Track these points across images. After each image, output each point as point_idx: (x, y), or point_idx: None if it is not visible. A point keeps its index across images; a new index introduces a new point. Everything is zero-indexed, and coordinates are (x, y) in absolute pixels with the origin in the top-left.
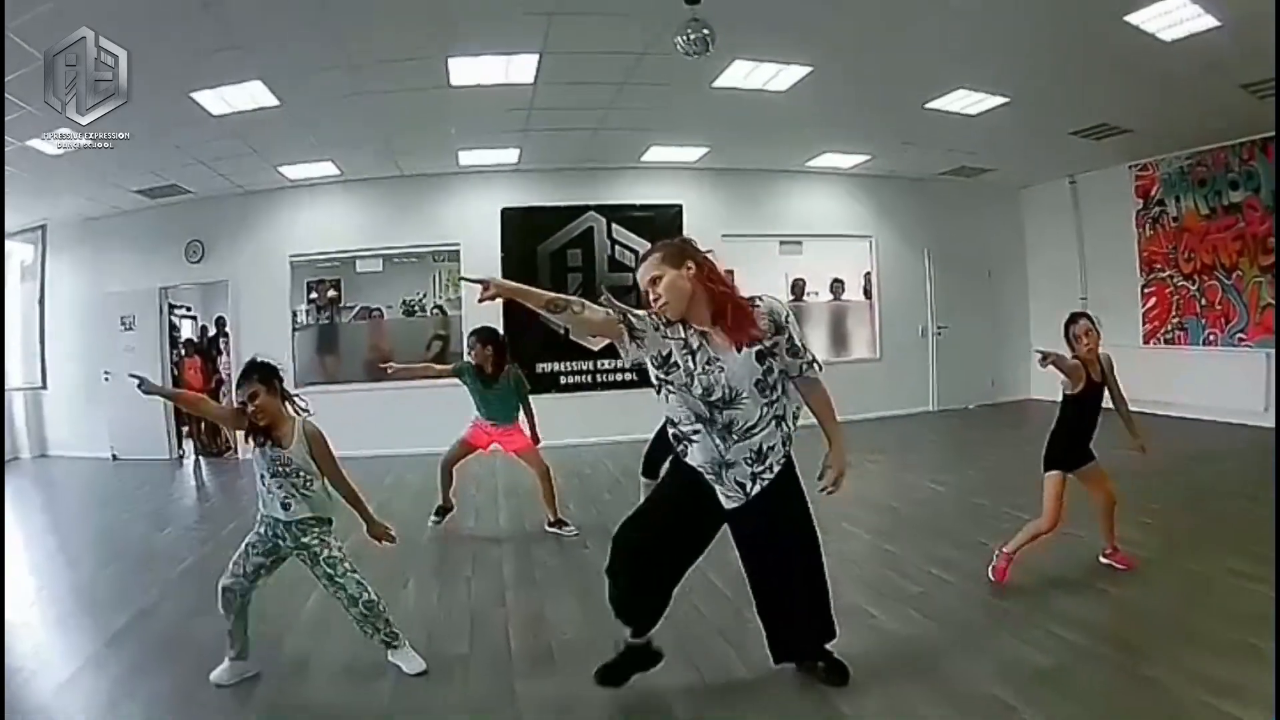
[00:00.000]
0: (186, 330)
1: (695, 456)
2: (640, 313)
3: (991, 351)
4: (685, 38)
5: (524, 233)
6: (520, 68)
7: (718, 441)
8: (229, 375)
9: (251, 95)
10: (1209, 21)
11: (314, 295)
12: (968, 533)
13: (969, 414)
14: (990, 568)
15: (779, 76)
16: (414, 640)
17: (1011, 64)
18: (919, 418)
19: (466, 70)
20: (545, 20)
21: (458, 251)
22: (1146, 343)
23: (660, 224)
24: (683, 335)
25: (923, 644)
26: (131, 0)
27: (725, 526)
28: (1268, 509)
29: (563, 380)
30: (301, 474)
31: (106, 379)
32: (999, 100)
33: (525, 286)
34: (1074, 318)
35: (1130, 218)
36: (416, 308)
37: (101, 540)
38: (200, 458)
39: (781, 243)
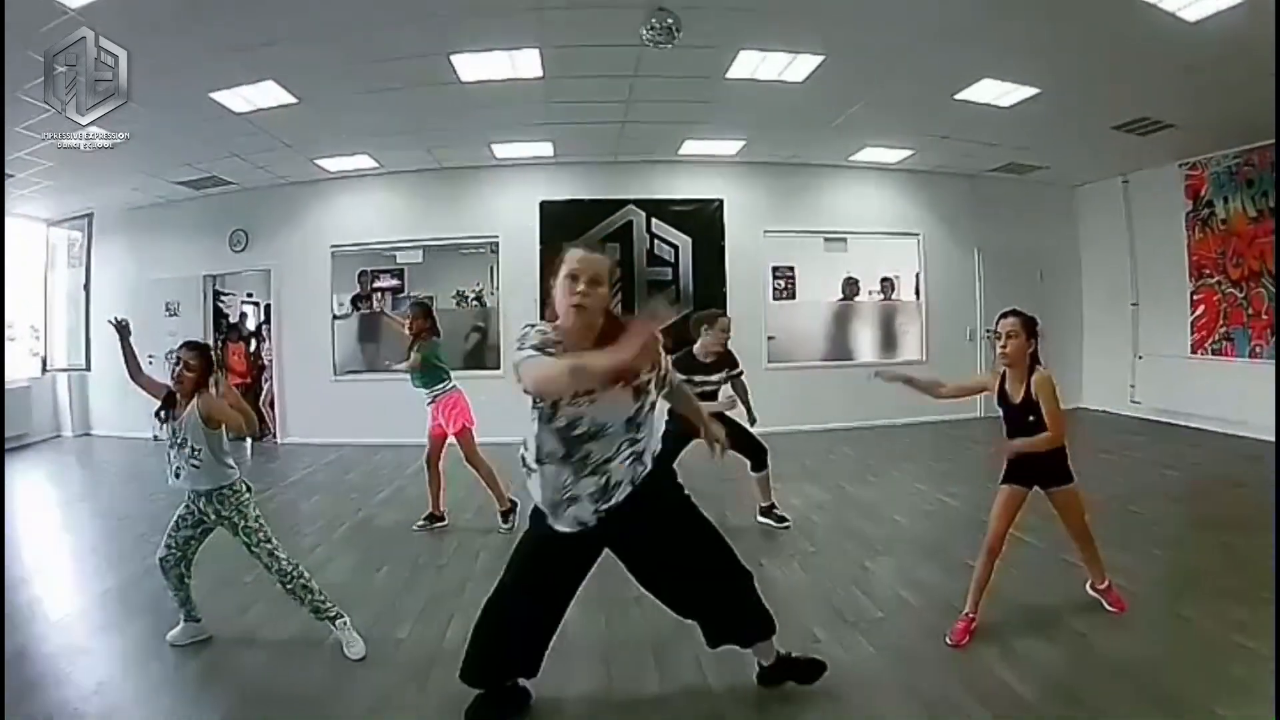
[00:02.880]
0: (250, 317)
1: (535, 488)
2: (543, 331)
3: (1042, 356)
4: (649, 28)
5: (562, 226)
6: (526, 62)
7: (567, 477)
8: (270, 361)
9: (269, 93)
10: None
11: (377, 284)
12: (959, 552)
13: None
14: (949, 631)
15: (792, 66)
16: (363, 622)
17: (1034, 51)
18: (964, 424)
19: (473, 66)
20: (535, 15)
21: (497, 243)
22: (1194, 352)
23: (701, 218)
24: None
25: (858, 679)
26: (135, 6)
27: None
28: None
29: None
30: (189, 445)
31: (151, 363)
32: (1030, 91)
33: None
34: (1002, 315)
35: (1180, 219)
36: (472, 298)
37: (119, 512)
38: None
39: (826, 239)
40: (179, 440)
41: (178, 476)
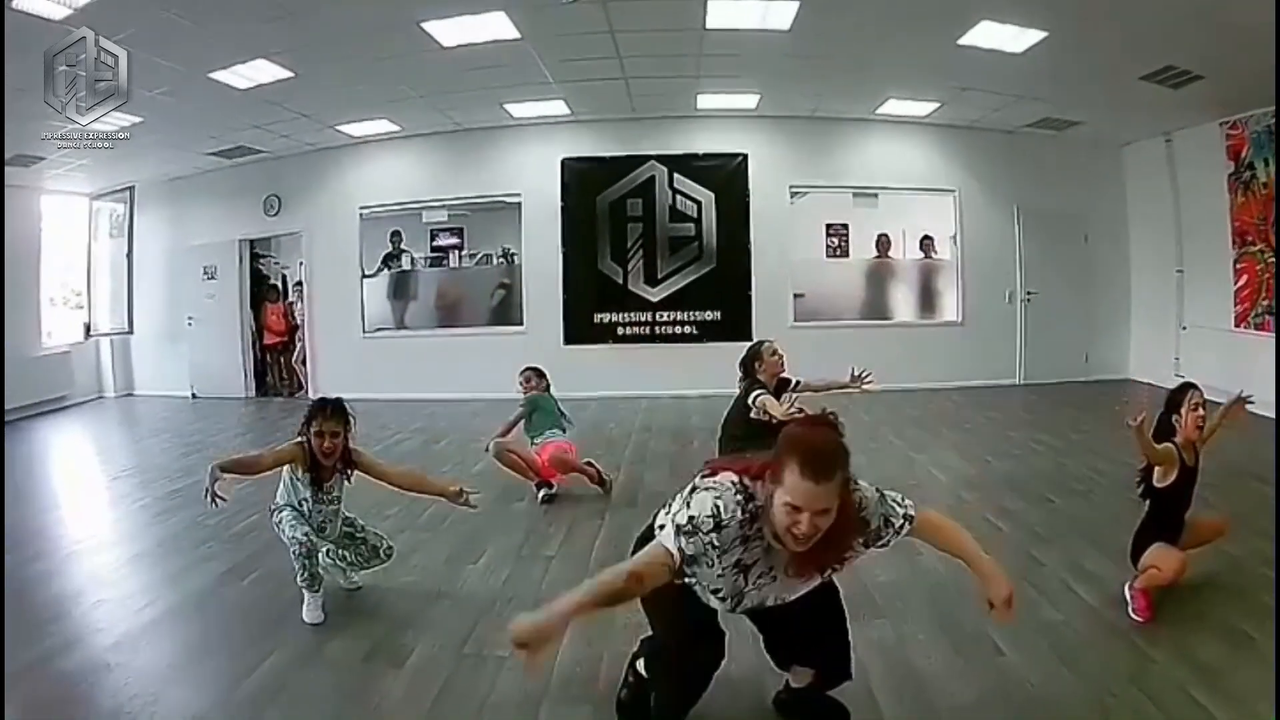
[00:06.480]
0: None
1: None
2: (695, 542)
3: (1087, 323)
4: None
5: (584, 183)
6: (497, 24)
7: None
8: (303, 320)
9: (264, 70)
10: None
11: (437, 241)
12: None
13: (1050, 390)
14: None
15: (771, 14)
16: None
17: None
18: (1000, 390)
19: (449, 31)
20: None
21: (519, 202)
22: (1237, 326)
23: (724, 174)
24: (740, 556)
25: None
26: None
27: None
28: None
29: (620, 331)
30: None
31: (190, 324)
32: (1038, 34)
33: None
34: (1182, 388)
35: (1223, 182)
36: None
37: (135, 460)
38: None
39: (855, 194)
40: (330, 498)
41: (321, 531)
